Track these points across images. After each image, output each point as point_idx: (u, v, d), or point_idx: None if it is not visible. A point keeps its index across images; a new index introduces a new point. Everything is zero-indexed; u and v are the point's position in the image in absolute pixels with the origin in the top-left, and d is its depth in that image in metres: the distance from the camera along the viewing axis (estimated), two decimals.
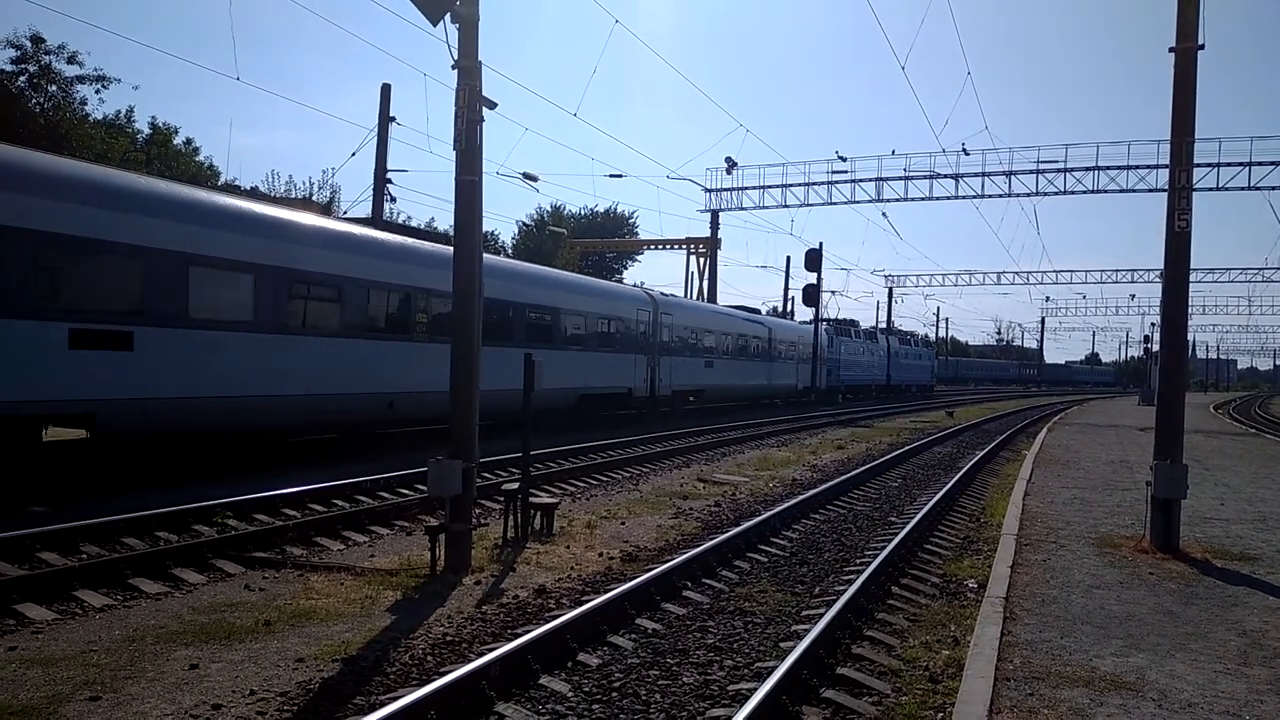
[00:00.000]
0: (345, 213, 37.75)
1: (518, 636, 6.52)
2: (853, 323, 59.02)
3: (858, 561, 9.97)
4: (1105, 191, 39.45)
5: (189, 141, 44.08)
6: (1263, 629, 7.35)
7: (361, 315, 16.74)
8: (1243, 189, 37.76)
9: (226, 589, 8.28)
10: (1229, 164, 37.54)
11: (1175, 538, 10.31)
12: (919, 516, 11.89)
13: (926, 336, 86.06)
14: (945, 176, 41.29)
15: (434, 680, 5.60)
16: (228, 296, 14.08)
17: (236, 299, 14.21)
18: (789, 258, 63.94)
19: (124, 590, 8.06)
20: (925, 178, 41.75)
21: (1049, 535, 11.04)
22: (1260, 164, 37.33)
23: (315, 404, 15.54)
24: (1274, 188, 37.35)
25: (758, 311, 43.94)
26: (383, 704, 5.27)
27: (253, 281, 14.40)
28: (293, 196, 39.37)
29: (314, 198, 40.62)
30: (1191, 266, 10.82)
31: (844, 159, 42.82)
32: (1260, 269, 68.44)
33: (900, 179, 42.12)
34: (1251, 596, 8.42)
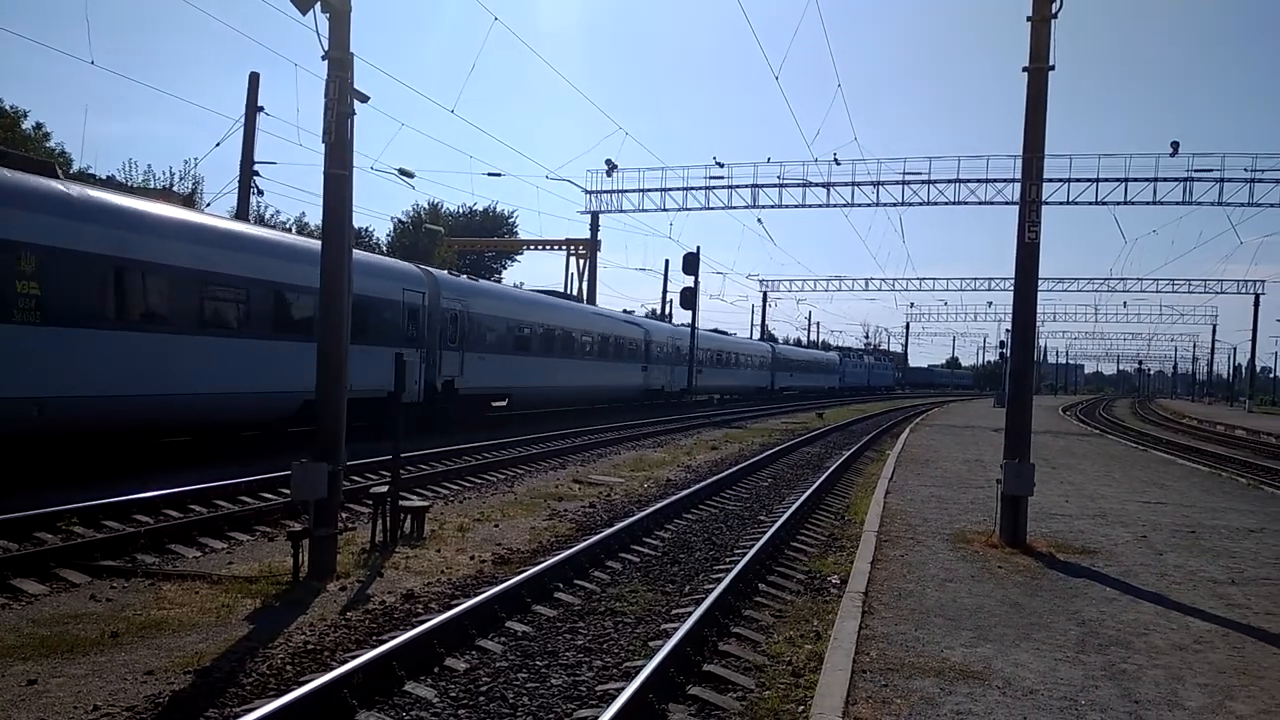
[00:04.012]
0: (209, 205, 36.19)
1: (383, 643, 6.39)
2: (854, 349, 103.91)
3: (727, 560, 10.16)
4: (965, 203, 41.35)
5: (39, 126, 41.46)
6: (1099, 619, 7.83)
7: None
8: (1091, 204, 40.19)
9: (70, 600, 7.83)
10: (1079, 180, 39.91)
11: (1023, 533, 10.88)
12: (787, 515, 12.20)
13: (886, 350, 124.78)
14: (817, 185, 42.46)
15: (293, 690, 5.44)
16: None
17: None
18: (667, 261, 65.81)
19: None
20: (799, 185, 42.85)
21: (907, 532, 11.50)
22: (1106, 180, 39.82)
23: None
24: (1119, 203, 39.90)
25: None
26: (237, 716, 5.08)
27: None
28: (151, 187, 37.45)
29: (174, 188, 38.77)
30: (1041, 276, 11.45)
31: (721, 165, 43.35)
32: (1105, 279, 73.12)
33: (775, 186, 43.14)
34: (1090, 588, 8.95)
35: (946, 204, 41.51)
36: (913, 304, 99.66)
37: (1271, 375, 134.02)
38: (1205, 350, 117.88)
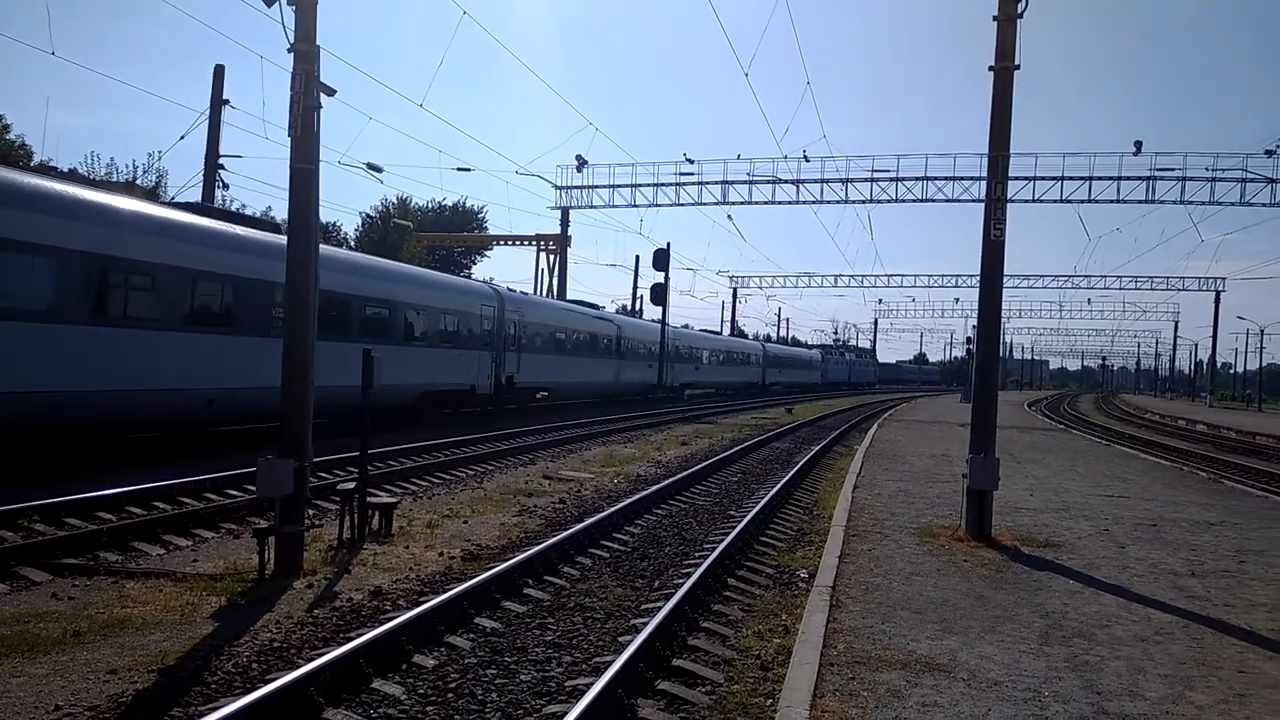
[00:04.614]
0: (173, 199, 35.65)
1: (350, 640, 6.35)
2: (834, 347, 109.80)
3: (697, 555, 10.19)
4: (933, 201, 41.71)
5: None
6: (1063, 611, 7.94)
7: None
8: (1056, 201, 40.72)
9: (31, 598, 7.71)
10: (1044, 178, 40.43)
11: (988, 527, 11.01)
12: (756, 510, 12.25)
13: (861, 346, 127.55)
14: (787, 182, 42.75)
15: (258, 688, 5.39)
16: None
17: None
18: (638, 257, 66.15)
19: None
20: (768, 182, 43.09)
21: (875, 526, 11.59)
22: (1071, 179, 40.39)
23: None
24: (1083, 201, 40.47)
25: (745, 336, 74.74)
26: (201, 715, 5.04)
27: None
28: (114, 180, 36.85)
29: (138, 181, 38.19)
30: (1007, 273, 11.58)
31: (691, 161, 43.44)
32: (1070, 276, 74.43)
33: (745, 183, 43.36)
34: (1054, 581, 9.07)
35: (914, 201, 41.92)
36: (881, 300, 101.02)
37: (1232, 371, 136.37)
38: (1168, 346, 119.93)
